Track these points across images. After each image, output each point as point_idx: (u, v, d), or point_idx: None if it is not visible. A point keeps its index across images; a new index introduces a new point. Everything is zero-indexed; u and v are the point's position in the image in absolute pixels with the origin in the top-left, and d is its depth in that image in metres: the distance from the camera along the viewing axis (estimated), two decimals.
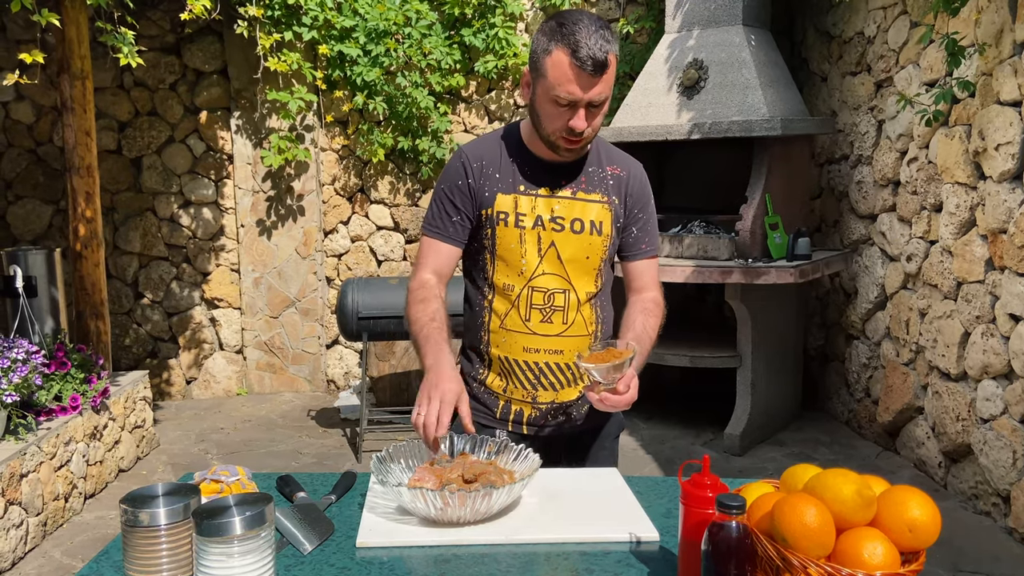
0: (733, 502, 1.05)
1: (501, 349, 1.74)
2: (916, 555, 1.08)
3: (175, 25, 5.12)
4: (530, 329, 1.71)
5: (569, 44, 1.52)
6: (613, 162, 1.77)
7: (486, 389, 1.78)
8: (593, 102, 1.57)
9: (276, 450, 4.41)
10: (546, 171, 1.71)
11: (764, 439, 4.42)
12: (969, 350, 3.48)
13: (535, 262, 1.69)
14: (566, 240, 1.69)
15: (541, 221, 1.69)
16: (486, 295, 1.76)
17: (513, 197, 1.69)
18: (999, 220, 3.26)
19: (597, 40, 1.52)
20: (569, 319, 1.72)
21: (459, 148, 1.77)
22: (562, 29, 1.54)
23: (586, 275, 1.72)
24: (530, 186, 1.70)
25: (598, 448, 1.83)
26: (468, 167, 1.71)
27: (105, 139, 5.19)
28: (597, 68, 1.53)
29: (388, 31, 5.05)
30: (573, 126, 1.58)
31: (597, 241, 1.71)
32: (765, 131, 4.02)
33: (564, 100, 1.56)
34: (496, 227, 1.70)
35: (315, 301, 5.43)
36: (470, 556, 1.28)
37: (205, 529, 1.11)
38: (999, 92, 3.23)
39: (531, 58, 1.62)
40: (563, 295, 1.70)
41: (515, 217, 1.69)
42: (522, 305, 1.71)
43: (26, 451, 3.25)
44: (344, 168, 5.43)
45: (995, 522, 3.34)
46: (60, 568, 3.15)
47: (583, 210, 1.71)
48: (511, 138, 1.75)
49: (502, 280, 1.72)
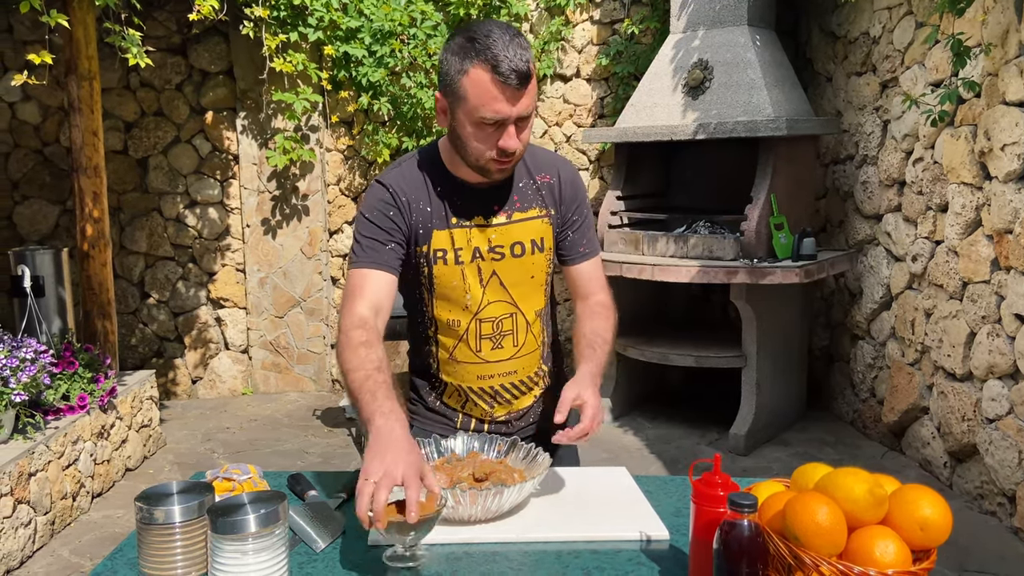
0: (745, 500, 1.06)
1: (453, 377, 1.68)
2: (927, 553, 1.09)
3: (181, 26, 5.13)
4: (482, 358, 1.65)
5: (487, 59, 1.39)
6: (541, 169, 1.65)
7: (443, 404, 1.74)
8: (521, 116, 1.45)
9: (282, 449, 4.42)
10: (475, 198, 1.59)
11: (769, 439, 4.42)
12: (975, 350, 3.48)
13: (479, 294, 1.60)
14: (507, 267, 1.61)
15: (479, 253, 1.59)
16: (428, 327, 1.67)
17: (447, 232, 1.57)
18: (1005, 220, 3.26)
19: (515, 50, 1.40)
20: (520, 340, 1.66)
21: (377, 179, 1.61)
22: (475, 44, 1.41)
23: (533, 294, 1.66)
24: (462, 218, 1.58)
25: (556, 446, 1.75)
26: (396, 199, 1.56)
27: (111, 139, 5.20)
28: (521, 80, 1.41)
29: (393, 32, 5.06)
30: (504, 146, 1.45)
31: (540, 258, 1.64)
32: (770, 131, 4.02)
33: (491, 120, 1.43)
34: (434, 265, 1.58)
35: (320, 301, 5.44)
36: (481, 554, 1.29)
37: (220, 527, 1.12)
38: (1005, 92, 3.23)
39: (443, 81, 1.47)
40: (511, 319, 1.64)
41: (454, 254, 1.58)
42: (471, 338, 1.63)
43: (34, 450, 3.27)
44: (349, 168, 5.44)
45: (1001, 522, 3.34)
46: (68, 567, 3.17)
47: (521, 232, 1.61)
48: (433, 165, 1.60)
49: (445, 316, 1.63)
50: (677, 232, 4.48)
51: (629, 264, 4.28)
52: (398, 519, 1.18)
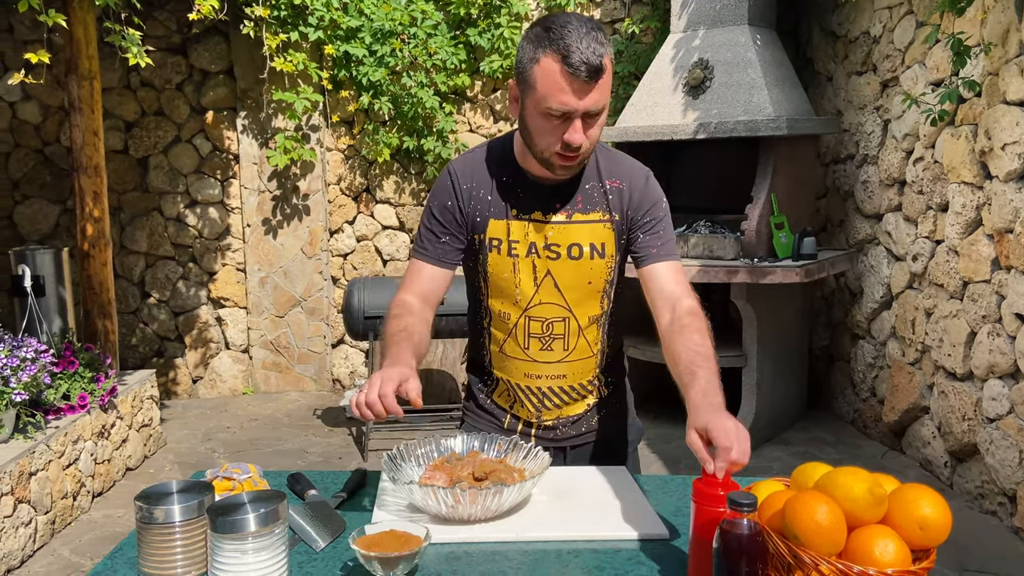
0: (744, 500, 1.06)
1: (503, 372, 1.68)
2: (927, 553, 1.09)
3: (181, 25, 5.13)
4: (530, 357, 1.63)
5: (559, 49, 1.37)
6: (613, 174, 1.60)
7: (492, 402, 1.74)
8: (590, 111, 1.42)
9: (282, 449, 4.42)
10: (539, 193, 1.57)
11: (769, 439, 4.42)
12: (975, 350, 3.48)
13: (531, 292, 1.58)
14: (563, 268, 1.57)
15: (535, 249, 1.56)
16: (483, 317, 1.68)
17: (505, 223, 1.57)
18: (1005, 220, 3.25)
19: (590, 43, 1.37)
20: (570, 345, 1.62)
21: (449, 164, 1.63)
22: (549, 34, 1.38)
23: (589, 299, 1.61)
24: (523, 211, 1.57)
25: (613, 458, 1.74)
26: (457, 188, 1.59)
27: (112, 139, 5.20)
28: (592, 74, 1.37)
29: (394, 31, 5.06)
30: (569, 140, 1.42)
31: (600, 264, 1.59)
32: (771, 131, 4.02)
33: (557, 112, 1.41)
34: (489, 254, 1.59)
35: (321, 300, 5.44)
36: (481, 554, 1.29)
37: (220, 526, 1.12)
38: (1005, 92, 3.23)
39: (517, 69, 1.46)
40: (563, 323, 1.60)
41: (508, 245, 1.57)
42: (519, 334, 1.62)
43: (35, 450, 3.27)
44: (350, 168, 5.44)
45: (1001, 521, 3.34)
46: (68, 566, 3.17)
47: (580, 234, 1.57)
48: (504, 154, 1.60)
49: (497, 308, 1.63)
50: (677, 231, 4.48)
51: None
52: (385, 554, 1.16)
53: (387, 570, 1.16)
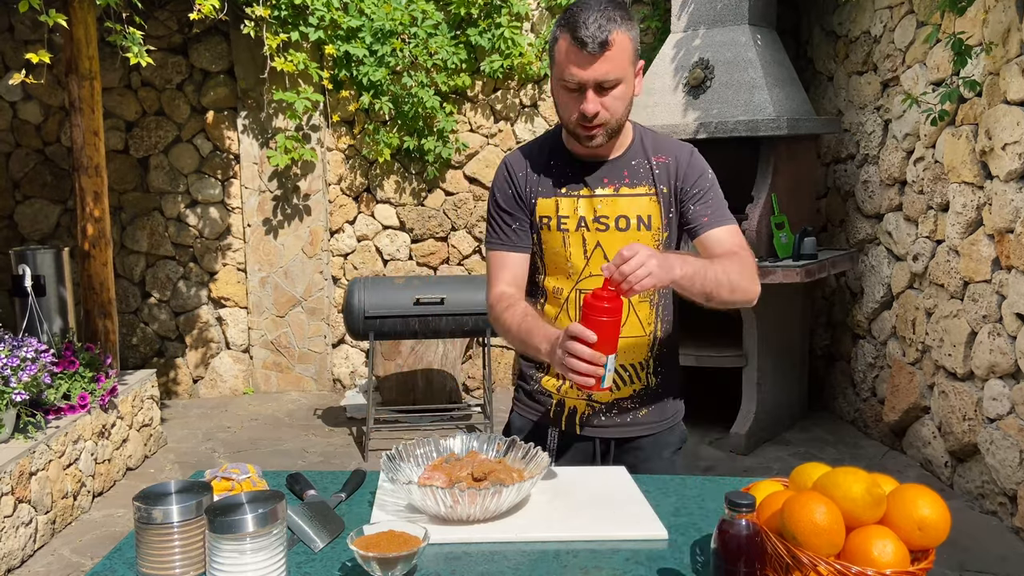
0: (743, 500, 1.06)
1: None
2: (926, 553, 1.09)
3: (182, 25, 5.14)
4: None
5: (568, 25, 1.51)
6: (660, 151, 1.70)
7: (540, 388, 1.77)
8: (601, 84, 1.52)
9: (283, 449, 4.42)
10: (586, 169, 1.67)
11: (770, 438, 4.42)
12: (976, 350, 3.48)
13: (581, 264, 1.66)
14: (612, 239, 1.65)
15: (584, 222, 1.65)
16: (538, 299, 1.74)
17: (554, 200, 1.67)
18: (1006, 220, 3.25)
19: (597, 19, 1.48)
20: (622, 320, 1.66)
21: (504, 159, 1.76)
22: (566, 15, 1.53)
23: None
24: (571, 187, 1.67)
25: (655, 458, 1.76)
26: (512, 175, 1.70)
27: (112, 139, 5.21)
28: (597, 47, 1.48)
29: (394, 31, 5.06)
30: (584, 110, 1.54)
31: (647, 236, 1.66)
32: (771, 131, 4.02)
33: (571, 84, 1.54)
34: (541, 232, 1.68)
35: (321, 300, 5.44)
36: (480, 554, 1.29)
37: (218, 526, 1.12)
38: (1006, 91, 3.23)
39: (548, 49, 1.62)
40: None
41: (557, 220, 1.66)
42: (571, 308, 1.68)
43: (35, 449, 3.27)
44: (350, 168, 5.44)
45: (1002, 522, 3.33)
46: (69, 566, 3.17)
47: (628, 206, 1.66)
48: (553, 140, 1.73)
49: (552, 284, 1.70)
50: None
51: None
52: (383, 554, 1.16)
53: (385, 570, 1.16)
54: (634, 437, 1.75)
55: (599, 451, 1.74)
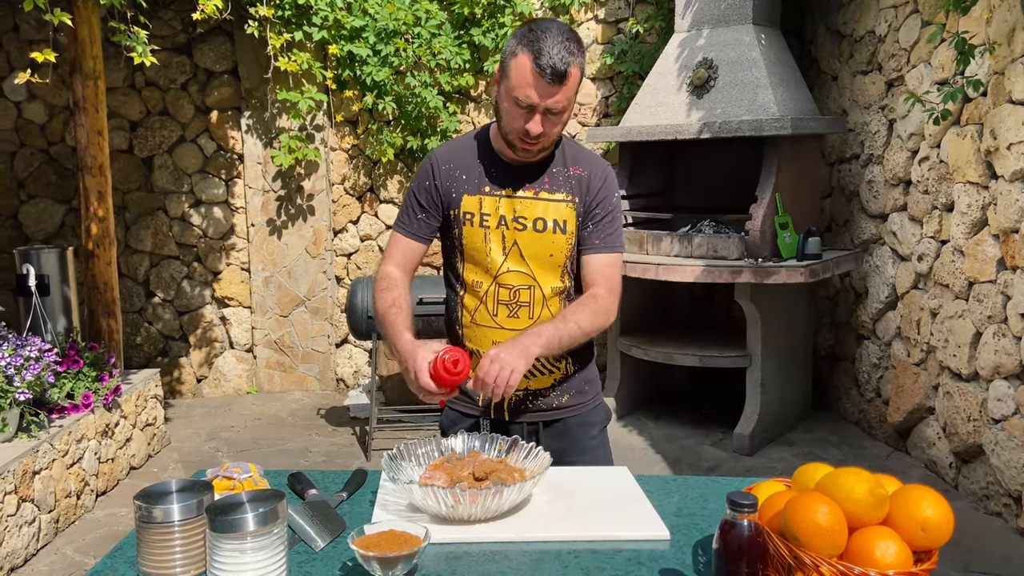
0: (745, 500, 1.05)
1: (474, 343, 1.80)
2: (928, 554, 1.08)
3: (186, 25, 5.14)
4: (498, 324, 1.76)
5: (533, 50, 1.58)
6: (577, 163, 1.80)
7: None
8: (551, 110, 1.62)
9: (286, 448, 4.42)
10: (510, 172, 1.76)
11: (773, 439, 4.41)
12: (980, 350, 3.46)
13: (499, 260, 1.75)
14: (529, 239, 1.74)
15: (504, 221, 1.74)
16: (458, 291, 1.82)
17: (478, 198, 1.75)
18: (1011, 220, 3.24)
19: (560, 50, 1.57)
20: (535, 314, 1.76)
21: (432, 150, 1.85)
22: (530, 35, 1.59)
23: (551, 272, 1.76)
24: (494, 187, 1.76)
25: (585, 438, 1.86)
26: (436, 169, 1.79)
27: (117, 139, 5.22)
28: (556, 77, 1.58)
29: (398, 31, 5.06)
30: (529, 129, 1.63)
31: (561, 240, 1.75)
32: (775, 130, 4.01)
33: (522, 103, 1.61)
34: (463, 227, 1.76)
35: (325, 300, 5.44)
36: (481, 554, 1.29)
37: (219, 525, 1.12)
38: (1011, 91, 3.21)
39: (501, 56, 1.67)
40: (528, 291, 1.75)
41: (480, 217, 1.75)
42: (489, 301, 1.77)
43: (39, 448, 3.27)
44: (354, 168, 5.44)
45: (1006, 523, 3.32)
46: (72, 565, 3.17)
47: (545, 209, 1.75)
48: (481, 140, 1.81)
49: (471, 277, 1.78)
50: (681, 231, 4.47)
51: (633, 263, 4.27)
52: (384, 554, 1.16)
53: (386, 570, 1.16)
54: (559, 419, 1.85)
55: (528, 435, 1.82)
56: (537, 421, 1.83)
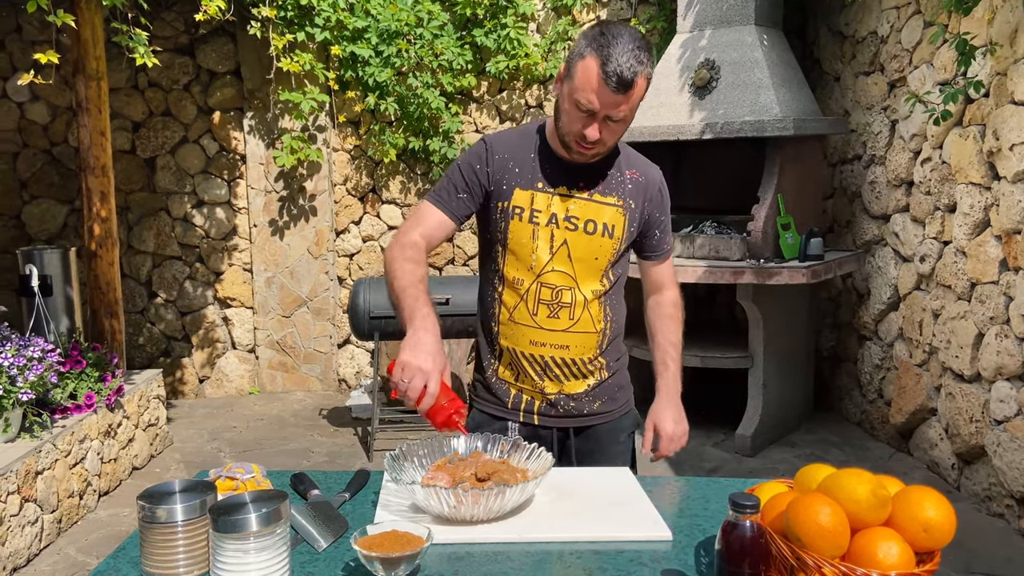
0: (747, 501, 1.06)
1: (509, 341, 1.77)
2: (931, 555, 1.08)
3: (188, 26, 5.15)
4: (537, 323, 1.74)
5: (601, 55, 1.53)
6: (632, 166, 1.79)
7: (498, 379, 1.82)
8: (612, 117, 1.58)
9: (288, 449, 4.43)
10: (565, 171, 1.73)
11: (776, 440, 4.40)
12: (983, 351, 3.46)
13: (545, 258, 1.72)
14: (578, 240, 1.72)
15: (555, 219, 1.71)
16: (496, 287, 1.78)
17: (530, 193, 1.71)
18: (1013, 221, 3.24)
19: (629, 58, 1.53)
20: (576, 316, 1.74)
21: (485, 136, 1.80)
22: (600, 38, 1.55)
23: (592, 275, 1.75)
24: (548, 184, 1.72)
25: (612, 443, 1.85)
26: (490, 155, 1.73)
27: (119, 139, 5.22)
28: (621, 86, 1.53)
29: (400, 32, 5.07)
30: (587, 134, 1.60)
31: (608, 244, 1.74)
32: (777, 131, 4.01)
33: (583, 107, 1.57)
34: (511, 221, 1.72)
35: (327, 301, 5.45)
36: (483, 554, 1.29)
37: (222, 525, 1.12)
38: (1013, 92, 3.21)
39: (569, 56, 1.63)
40: (570, 292, 1.73)
41: (530, 213, 1.71)
42: (530, 299, 1.73)
43: (41, 449, 3.28)
44: (356, 168, 5.44)
45: (1008, 524, 3.32)
46: (75, 565, 3.18)
47: (597, 212, 1.73)
48: (537, 135, 1.77)
49: (512, 273, 1.75)
50: (683, 232, 4.47)
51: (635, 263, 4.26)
52: (387, 554, 1.16)
53: (389, 570, 1.16)
54: (590, 426, 1.84)
55: (557, 440, 1.81)
56: (567, 427, 1.81)
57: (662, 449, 1.81)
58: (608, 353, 1.82)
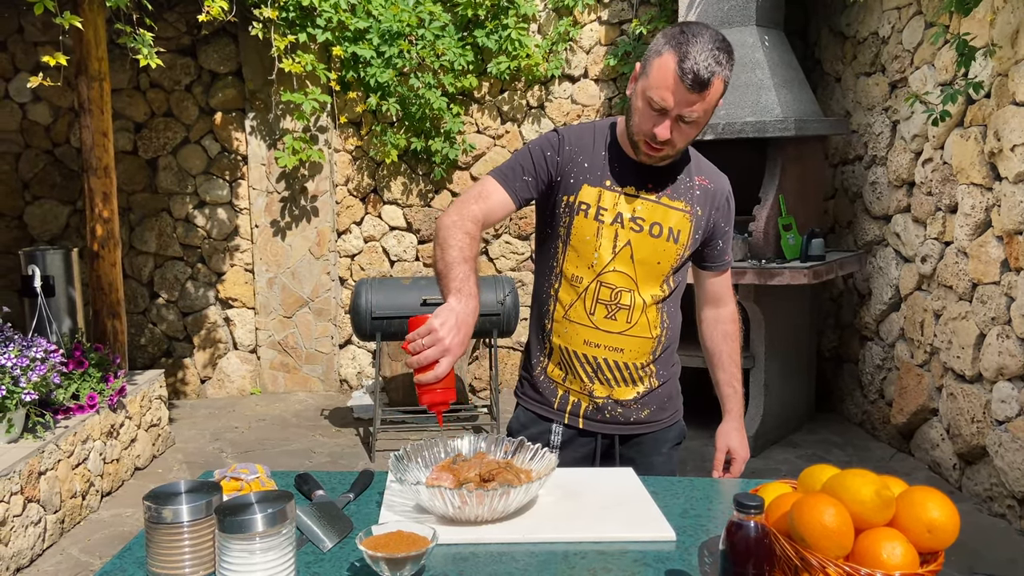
0: (751, 502, 1.06)
1: (562, 339, 1.74)
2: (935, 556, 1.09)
3: (191, 27, 5.16)
4: (593, 323, 1.71)
5: (679, 52, 1.50)
6: (702, 172, 1.76)
7: (546, 378, 1.79)
8: (684, 118, 1.54)
9: (290, 449, 4.43)
10: (635, 171, 1.69)
11: (777, 440, 4.40)
12: (984, 352, 3.46)
13: (607, 258, 1.68)
14: (642, 242, 1.68)
15: (621, 219, 1.67)
16: (553, 284, 1.75)
17: (598, 190, 1.68)
18: (1015, 221, 3.24)
19: (708, 58, 1.49)
20: (633, 319, 1.71)
21: (558, 127, 1.77)
22: (680, 36, 1.51)
23: (653, 279, 1.71)
24: (616, 183, 1.68)
25: (654, 453, 1.83)
26: (562, 145, 1.70)
27: (121, 140, 5.23)
28: (697, 85, 1.50)
29: (401, 32, 5.07)
30: (656, 132, 1.56)
31: (672, 248, 1.70)
32: (779, 132, 4.01)
33: (656, 105, 1.54)
34: (575, 216, 1.68)
35: (328, 301, 5.45)
36: (487, 555, 1.29)
37: (228, 526, 1.12)
38: (1015, 93, 3.21)
39: (644, 55, 1.60)
40: (630, 294, 1.69)
41: (596, 210, 1.67)
42: (588, 298, 1.70)
43: (44, 449, 3.28)
44: (357, 169, 5.45)
45: (1010, 524, 3.32)
46: (77, 565, 3.18)
47: (664, 215, 1.69)
48: (607, 132, 1.73)
49: (571, 271, 1.71)
50: None
51: None
52: (392, 555, 1.16)
53: (394, 571, 1.16)
54: (636, 435, 1.81)
55: (601, 446, 1.78)
56: (612, 434, 1.78)
57: (733, 471, 1.85)
58: (660, 361, 1.79)
